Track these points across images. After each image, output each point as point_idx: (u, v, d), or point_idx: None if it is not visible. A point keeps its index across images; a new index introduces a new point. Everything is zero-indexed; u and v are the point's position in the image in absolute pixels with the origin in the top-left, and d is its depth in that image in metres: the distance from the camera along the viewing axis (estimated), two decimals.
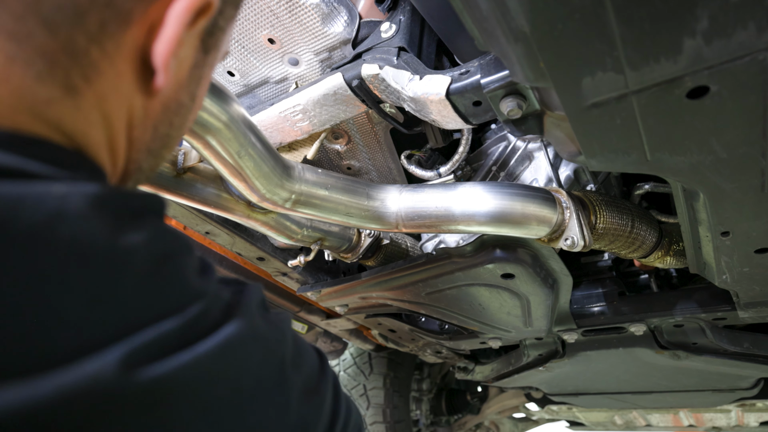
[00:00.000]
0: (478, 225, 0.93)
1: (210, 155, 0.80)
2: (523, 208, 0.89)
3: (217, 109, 0.75)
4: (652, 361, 1.50)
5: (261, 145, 0.84)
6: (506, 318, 1.38)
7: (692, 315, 1.27)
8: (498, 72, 0.71)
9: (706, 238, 0.89)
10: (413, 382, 2.75)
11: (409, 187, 1.02)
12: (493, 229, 0.92)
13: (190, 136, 0.77)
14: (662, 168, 0.70)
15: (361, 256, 1.32)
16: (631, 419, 2.51)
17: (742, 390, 1.71)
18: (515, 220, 0.90)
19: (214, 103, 0.75)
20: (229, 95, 0.78)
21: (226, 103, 0.76)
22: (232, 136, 0.78)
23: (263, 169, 0.86)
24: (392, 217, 1.00)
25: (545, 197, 0.93)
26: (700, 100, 0.57)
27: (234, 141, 0.79)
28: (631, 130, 0.62)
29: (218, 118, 0.76)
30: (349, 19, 0.96)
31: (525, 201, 0.90)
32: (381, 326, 1.82)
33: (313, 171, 0.96)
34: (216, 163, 0.82)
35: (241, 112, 0.80)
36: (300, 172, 0.94)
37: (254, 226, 1.10)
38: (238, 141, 0.80)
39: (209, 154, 0.80)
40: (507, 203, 0.89)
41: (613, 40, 0.50)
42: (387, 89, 0.91)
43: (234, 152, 0.80)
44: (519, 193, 0.90)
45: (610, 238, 0.98)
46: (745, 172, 0.68)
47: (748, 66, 0.51)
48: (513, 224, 0.91)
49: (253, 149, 0.83)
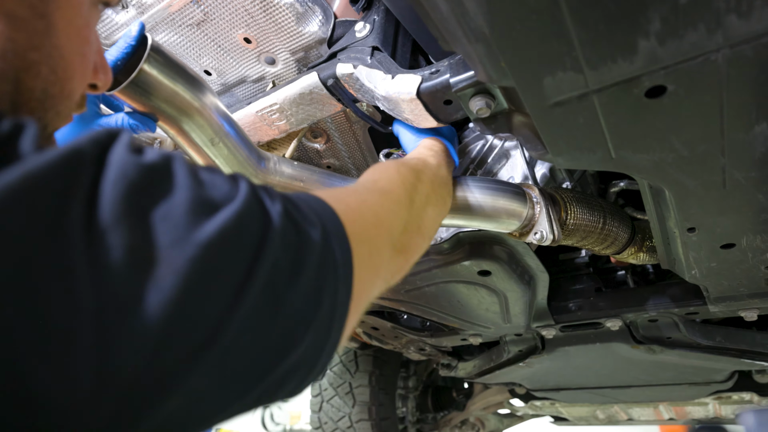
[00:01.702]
0: (449, 217, 0.94)
1: (184, 142, 0.81)
2: (494, 201, 0.91)
3: (191, 96, 0.76)
4: (629, 355, 1.53)
5: (235, 134, 0.85)
6: (485, 314, 1.40)
7: (666, 310, 1.29)
8: (466, 71, 0.73)
9: (674, 235, 0.91)
10: (399, 379, 2.76)
11: None
12: (463, 222, 0.94)
13: (164, 122, 0.78)
14: (627, 166, 0.72)
15: None
16: (613, 413, 2.55)
17: (717, 383, 1.75)
18: (485, 213, 0.91)
19: (188, 89, 0.76)
20: (204, 84, 0.80)
21: (200, 91, 0.78)
22: (206, 123, 0.79)
23: (237, 157, 0.87)
24: None
25: (516, 192, 0.94)
26: (659, 99, 0.58)
27: (208, 128, 0.80)
28: (594, 128, 0.64)
29: (191, 104, 0.77)
30: (324, 18, 0.97)
31: (495, 195, 0.91)
32: (364, 324, 1.83)
33: (288, 163, 0.97)
34: (190, 151, 0.83)
35: (215, 101, 0.81)
36: (275, 163, 0.95)
37: None
38: (212, 128, 0.81)
39: (183, 140, 0.81)
40: (478, 196, 0.91)
41: (570, 41, 0.51)
42: (362, 88, 0.92)
43: (208, 139, 0.81)
44: (489, 187, 0.92)
45: (582, 234, 1.00)
46: (706, 169, 0.70)
47: (702, 66, 0.53)
48: (483, 217, 0.92)
49: (227, 138, 0.84)
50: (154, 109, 0.76)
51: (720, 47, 0.50)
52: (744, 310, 1.20)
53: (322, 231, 0.46)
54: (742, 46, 0.50)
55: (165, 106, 0.75)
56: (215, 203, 0.37)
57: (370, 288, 0.55)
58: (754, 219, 0.80)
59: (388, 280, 0.64)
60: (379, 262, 0.58)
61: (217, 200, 0.37)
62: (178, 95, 0.75)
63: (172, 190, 0.35)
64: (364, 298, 0.53)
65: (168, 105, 0.76)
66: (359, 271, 0.50)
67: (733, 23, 0.48)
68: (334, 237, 0.48)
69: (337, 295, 0.46)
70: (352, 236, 0.51)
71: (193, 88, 0.77)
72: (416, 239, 0.71)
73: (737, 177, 0.70)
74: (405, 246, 0.67)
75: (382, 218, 0.61)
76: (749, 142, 0.63)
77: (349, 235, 0.50)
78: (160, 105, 0.75)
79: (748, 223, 0.81)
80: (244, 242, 0.37)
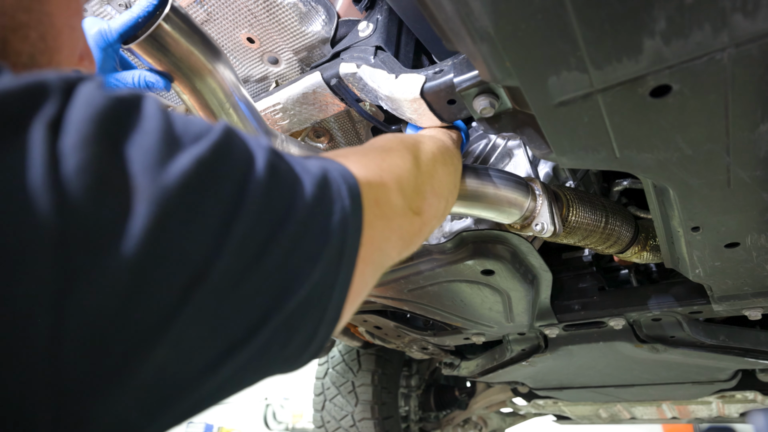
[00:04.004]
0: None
1: (195, 104, 0.83)
2: (496, 190, 0.91)
3: (206, 58, 0.79)
4: (632, 354, 1.53)
5: (246, 105, 0.87)
6: (488, 314, 1.40)
7: (669, 309, 1.29)
8: (470, 71, 0.72)
9: (678, 234, 0.90)
10: (402, 378, 2.76)
11: None
12: (464, 209, 0.94)
13: (178, 82, 0.79)
14: (631, 165, 0.71)
15: None
16: (616, 412, 2.54)
17: (720, 382, 1.75)
18: (487, 200, 0.91)
19: (203, 52, 0.79)
20: (221, 52, 0.82)
21: (215, 56, 0.80)
22: (218, 87, 0.81)
23: (247, 126, 0.88)
24: None
25: (518, 182, 0.94)
26: (664, 98, 0.58)
27: (219, 91, 0.82)
28: (598, 127, 0.64)
29: (205, 66, 0.79)
30: (327, 18, 0.97)
31: (498, 183, 0.91)
32: (367, 323, 1.83)
33: (295, 143, 0.98)
34: (200, 114, 0.84)
35: (229, 70, 0.83)
36: (282, 140, 0.95)
37: None
38: (224, 92, 0.83)
39: (195, 102, 0.82)
40: (480, 183, 0.91)
41: (575, 40, 0.51)
42: (365, 88, 0.92)
43: (218, 103, 0.83)
44: (492, 176, 0.92)
45: (584, 234, 1.00)
46: (711, 168, 0.70)
47: (707, 65, 0.53)
48: (485, 204, 0.92)
49: (238, 107, 0.86)
50: (169, 66, 0.78)
51: (725, 46, 0.50)
52: (748, 309, 1.20)
53: (321, 169, 0.44)
54: (748, 45, 0.50)
55: (180, 64, 0.78)
56: (191, 135, 0.34)
57: (382, 239, 0.51)
58: (759, 218, 0.80)
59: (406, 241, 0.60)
60: (391, 213, 0.54)
61: (193, 133, 0.34)
62: (194, 55, 0.77)
63: (144, 119, 0.32)
64: (376, 247, 0.50)
65: (183, 63, 0.78)
66: (369, 213, 0.47)
67: (738, 22, 0.48)
68: (337, 173, 0.45)
69: (347, 231, 0.43)
70: (359, 177, 0.48)
71: (208, 52, 0.79)
72: (431, 199, 0.68)
73: (742, 176, 0.70)
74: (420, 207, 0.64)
75: (386, 168, 0.58)
76: (754, 141, 0.63)
77: (356, 175, 0.48)
78: (175, 62, 0.77)
79: (753, 222, 0.81)
80: (228, 171, 0.34)
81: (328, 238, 0.40)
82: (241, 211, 0.34)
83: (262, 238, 0.35)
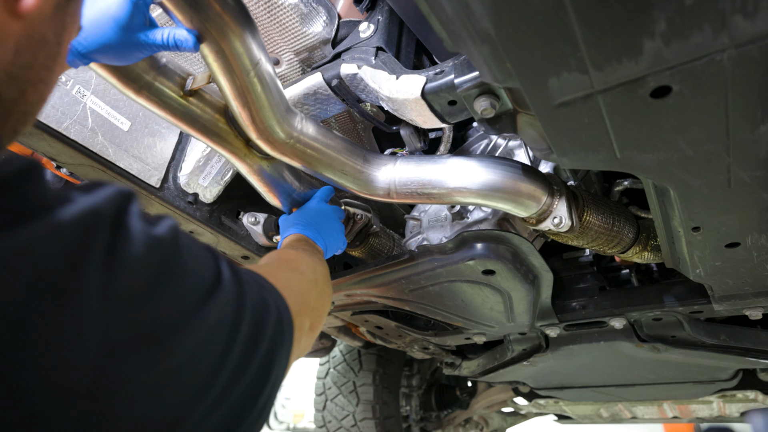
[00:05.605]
0: (470, 195, 0.94)
1: (220, 69, 0.81)
2: (516, 182, 0.91)
3: (238, 23, 0.77)
4: (633, 354, 1.53)
5: (270, 77, 0.86)
6: (489, 313, 1.40)
7: (670, 309, 1.29)
8: (471, 72, 0.73)
9: (679, 234, 0.91)
10: (403, 378, 2.76)
11: (405, 157, 1.03)
12: (484, 201, 0.94)
13: (206, 44, 0.77)
14: (632, 165, 0.72)
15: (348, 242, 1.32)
16: (617, 412, 2.55)
17: (721, 381, 1.75)
18: (507, 192, 0.92)
19: (236, 16, 0.77)
20: (254, 21, 0.81)
21: (248, 23, 0.79)
22: (245, 52, 0.80)
23: (269, 98, 0.87)
24: (386, 183, 1.01)
25: (539, 176, 0.95)
26: (664, 99, 0.58)
27: (246, 57, 0.80)
28: (599, 128, 0.64)
29: (236, 29, 0.77)
30: (328, 19, 0.97)
31: (519, 176, 0.92)
32: (368, 323, 1.83)
33: (314, 123, 0.98)
34: (223, 80, 0.83)
35: (259, 41, 0.82)
36: (301, 120, 0.95)
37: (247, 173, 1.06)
38: (251, 59, 0.81)
39: (219, 66, 0.80)
40: (500, 175, 0.92)
41: (575, 42, 0.52)
42: (366, 89, 0.92)
43: (244, 69, 0.81)
44: (513, 168, 0.93)
45: (593, 236, 1.00)
46: (711, 168, 0.70)
47: (707, 66, 0.53)
48: (505, 196, 0.93)
49: (262, 77, 0.84)
50: (200, 24, 0.75)
51: (725, 48, 0.50)
52: (748, 308, 1.20)
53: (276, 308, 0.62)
54: (748, 46, 0.50)
55: (210, 24, 0.75)
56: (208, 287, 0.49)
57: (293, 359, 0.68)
58: (759, 218, 0.80)
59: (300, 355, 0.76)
60: (300, 335, 0.71)
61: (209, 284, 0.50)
62: (226, 16, 0.75)
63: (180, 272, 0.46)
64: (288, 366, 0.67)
65: (213, 24, 0.75)
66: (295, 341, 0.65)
67: (738, 24, 0.48)
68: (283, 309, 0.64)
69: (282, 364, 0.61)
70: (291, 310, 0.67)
71: (240, 16, 0.77)
72: (322, 317, 0.87)
73: (742, 176, 0.70)
74: (315, 325, 0.82)
75: (303, 293, 0.77)
76: (754, 141, 0.63)
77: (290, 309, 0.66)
78: (206, 21, 0.75)
79: (753, 221, 0.81)
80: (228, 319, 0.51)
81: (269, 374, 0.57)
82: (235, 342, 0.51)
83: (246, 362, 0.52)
